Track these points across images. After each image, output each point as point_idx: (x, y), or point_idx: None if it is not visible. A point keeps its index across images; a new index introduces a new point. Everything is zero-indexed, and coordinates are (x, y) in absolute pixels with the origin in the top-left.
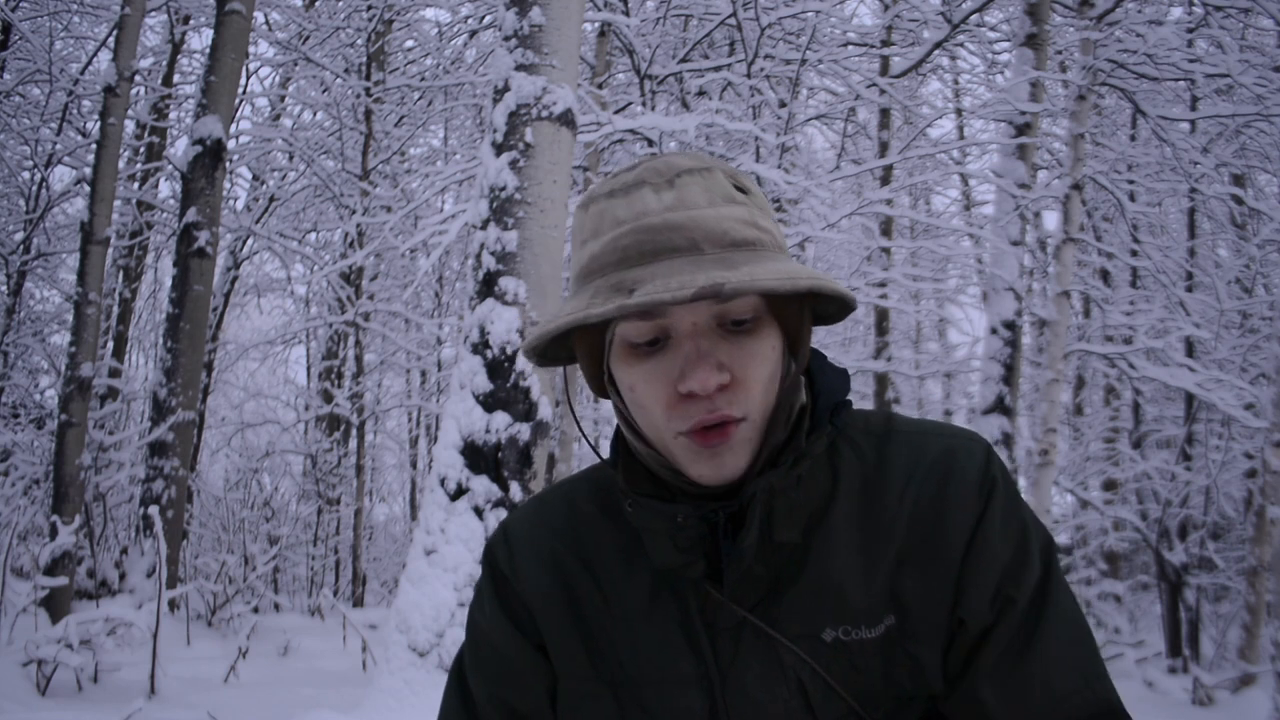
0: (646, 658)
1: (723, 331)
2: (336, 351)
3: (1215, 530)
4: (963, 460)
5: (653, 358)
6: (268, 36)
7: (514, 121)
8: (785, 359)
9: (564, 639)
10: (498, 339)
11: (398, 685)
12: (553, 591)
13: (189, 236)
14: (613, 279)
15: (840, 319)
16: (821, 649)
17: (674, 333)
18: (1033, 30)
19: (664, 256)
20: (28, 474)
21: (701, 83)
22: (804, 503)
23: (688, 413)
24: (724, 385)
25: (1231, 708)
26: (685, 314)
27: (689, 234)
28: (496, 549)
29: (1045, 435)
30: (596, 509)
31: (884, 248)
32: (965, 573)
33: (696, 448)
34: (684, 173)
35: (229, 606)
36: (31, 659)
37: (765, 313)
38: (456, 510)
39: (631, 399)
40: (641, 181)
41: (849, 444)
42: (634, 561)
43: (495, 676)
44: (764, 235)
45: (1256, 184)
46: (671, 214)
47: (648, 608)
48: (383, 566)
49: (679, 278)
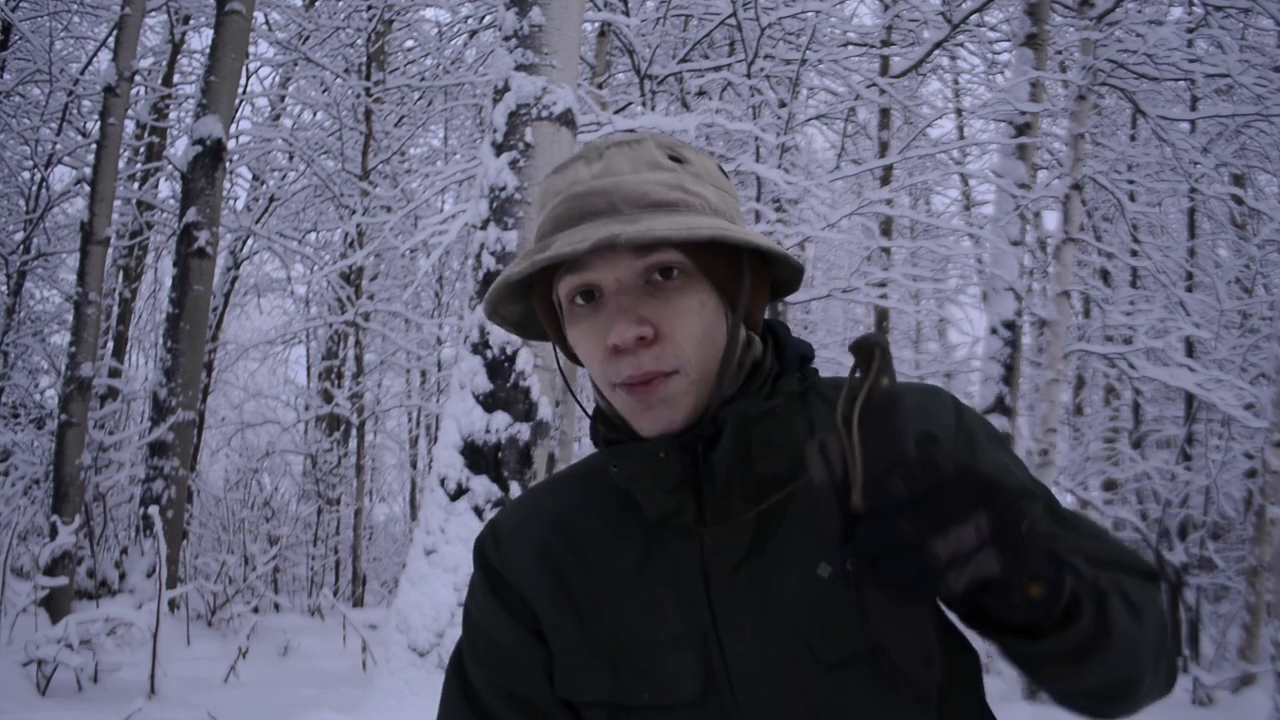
0: (639, 623)
1: (650, 288)
2: (336, 351)
3: (1215, 530)
4: (933, 402)
5: (590, 315)
6: (268, 36)
7: (514, 121)
8: (726, 316)
9: (557, 618)
10: (498, 339)
11: (398, 685)
12: (542, 574)
13: (189, 236)
14: (541, 244)
15: (796, 283)
16: (818, 585)
17: (603, 290)
18: (1033, 30)
19: (586, 219)
20: (28, 474)
21: (701, 83)
22: (781, 438)
23: (618, 367)
24: (646, 339)
25: (1231, 708)
26: (608, 271)
27: (609, 197)
28: (485, 543)
29: (1045, 435)
30: (582, 490)
31: (884, 248)
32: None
33: (633, 400)
34: (613, 145)
35: (229, 606)
36: (31, 659)
37: (692, 269)
38: (456, 510)
39: (580, 355)
40: (577, 157)
41: (820, 399)
42: (622, 531)
43: (494, 665)
44: (690, 197)
45: (1256, 184)
46: (596, 181)
47: (638, 573)
48: (383, 566)
49: (584, 233)
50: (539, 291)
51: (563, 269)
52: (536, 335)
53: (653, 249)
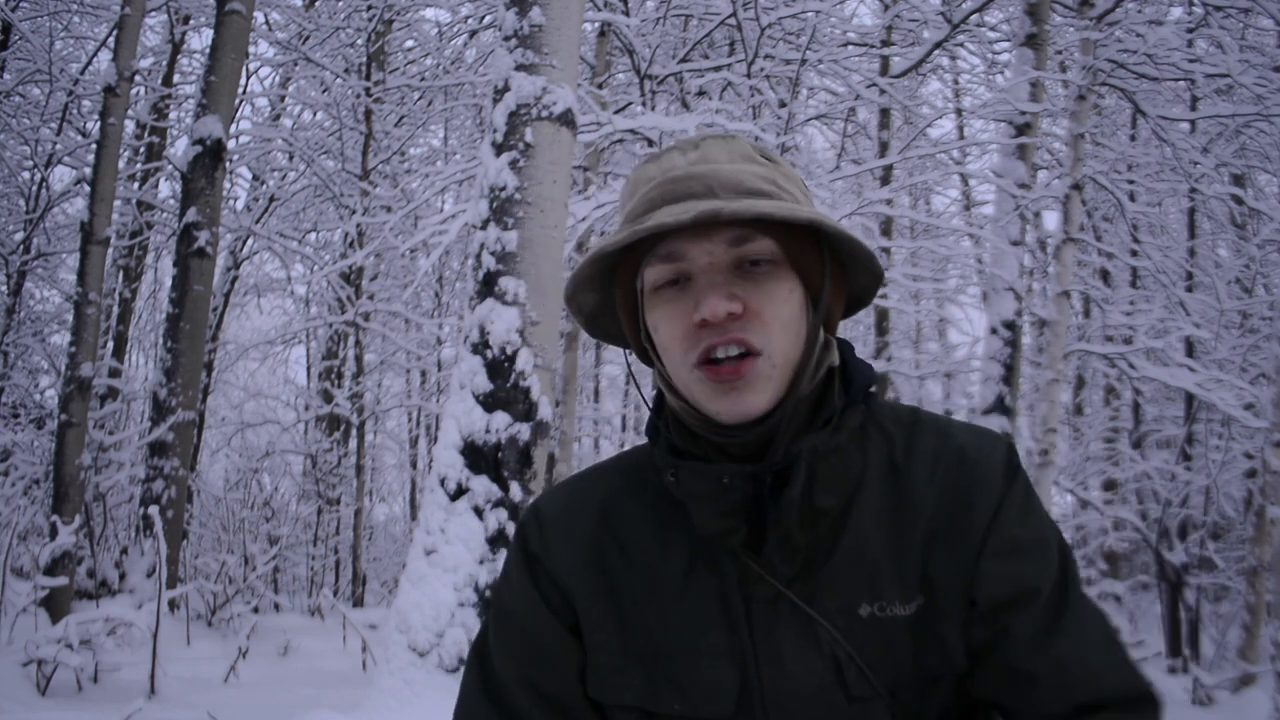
0: (678, 630)
1: (739, 272)
2: (336, 351)
3: (1215, 530)
4: (987, 449)
5: (677, 298)
6: (268, 36)
7: (514, 121)
8: (808, 312)
9: (596, 614)
10: (498, 339)
11: (398, 685)
12: (585, 568)
13: (189, 236)
14: (634, 222)
15: (871, 296)
16: (857, 625)
17: (693, 273)
18: (1033, 30)
19: (683, 200)
20: (28, 474)
21: (701, 83)
22: (844, 471)
23: (699, 339)
24: (736, 315)
25: (1231, 708)
26: (701, 254)
27: (707, 182)
28: (528, 527)
29: (1045, 435)
30: (628, 487)
31: (884, 248)
32: (984, 551)
33: (713, 383)
34: (710, 138)
35: (229, 606)
36: (31, 659)
37: (782, 259)
38: (456, 510)
39: (659, 341)
40: (672, 148)
41: (876, 429)
42: (669, 536)
43: (523, 656)
44: (782, 192)
45: (1256, 184)
46: (694, 167)
47: (682, 582)
48: (383, 566)
49: (685, 208)
50: (622, 279)
51: (652, 256)
52: (603, 334)
53: (747, 239)
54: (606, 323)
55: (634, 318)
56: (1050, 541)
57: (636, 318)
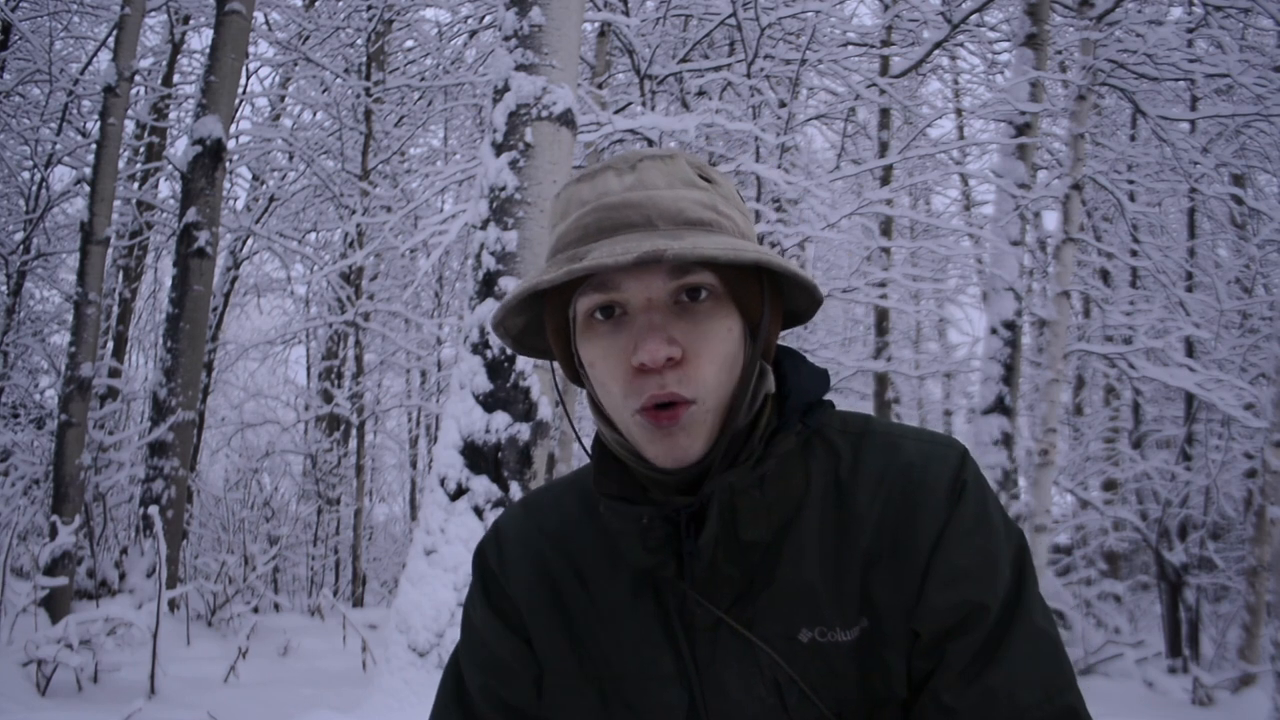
0: (629, 654)
1: (678, 309)
2: (336, 351)
3: (1215, 530)
4: (935, 466)
5: (611, 333)
6: (268, 36)
7: (514, 121)
8: (746, 344)
9: (550, 636)
10: (497, 339)
11: (398, 685)
12: (539, 591)
13: (189, 236)
14: (569, 253)
15: (811, 314)
16: (798, 650)
17: (630, 307)
18: (1033, 30)
19: (620, 231)
20: (28, 474)
21: (701, 83)
22: (772, 502)
23: (642, 388)
24: (674, 360)
25: (1231, 708)
26: (639, 288)
27: (644, 211)
28: (487, 549)
29: (1045, 435)
30: (582, 510)
31: (884, 248)
32: (927, 579)
33: (651, 427)
34: (646, 158)
35: (229, 606)
36: (31, 659)
37: (722, 293)
38: (456, 510)
39: (594, 376)
40: (607, 167)
41: (824, 444)
42: (617, 560)
43: (486, 669)
44: (722, 219)
45: (1256, 184)
46: (630, 193)
47: (630, 605)
48: (383, 566)
49: (623, 245)
50: (551, 304)
51: (586, 283)
52: (531, 351)
53: (688, 270)
54: (534, 340)
55: (564, 341)
56: (1001, 558)
57: (567, 341)
